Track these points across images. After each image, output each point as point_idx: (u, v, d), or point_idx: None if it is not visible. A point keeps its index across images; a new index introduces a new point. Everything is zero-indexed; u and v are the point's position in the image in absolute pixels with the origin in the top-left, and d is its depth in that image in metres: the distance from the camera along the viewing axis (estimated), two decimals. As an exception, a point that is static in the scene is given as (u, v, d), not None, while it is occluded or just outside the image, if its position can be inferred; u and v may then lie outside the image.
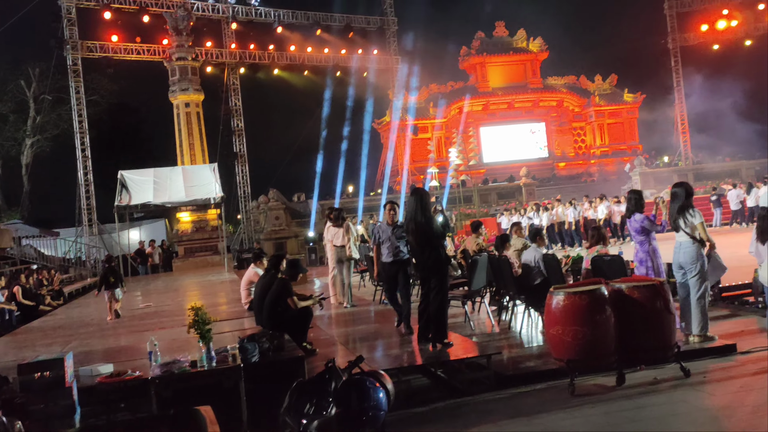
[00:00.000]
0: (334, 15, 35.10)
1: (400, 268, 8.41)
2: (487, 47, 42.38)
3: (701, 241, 7.04)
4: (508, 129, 42.02)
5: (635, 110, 42.41)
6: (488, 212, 31.44)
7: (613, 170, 39.77)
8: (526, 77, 42.65)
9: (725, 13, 33.63)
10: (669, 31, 34.10)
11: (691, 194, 7.33)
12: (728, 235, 19.77)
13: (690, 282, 7.12)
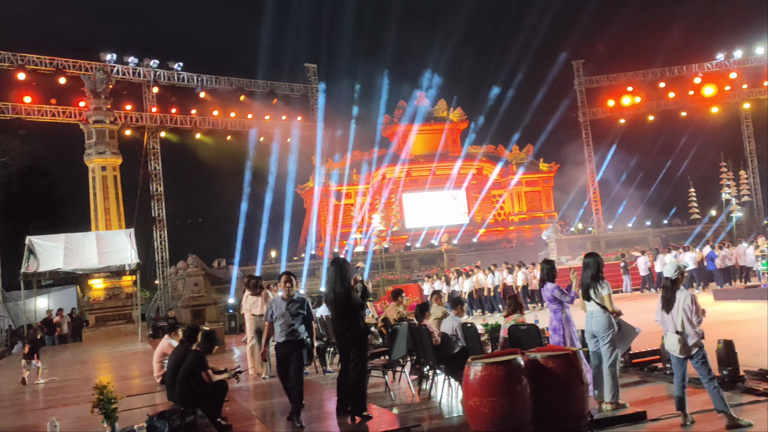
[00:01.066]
0: (258, 81, 35.39)
1: (294, 349, 7.55)
2: (409, 116, 43.50)
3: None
4: (430, 195, 42.82)
5: (551, 179, 44.08)
6: (410, 278, 31.62)
7: (530, 237, 40.94)
8: (447, 145, 43.85)
9: (630, 90, 35.75)
10: (579, 106, 35.92)
11: (601, 265, 7.61)
12: (638, 300, 20.52)
13: (602, 350, 7.32)
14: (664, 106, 36.16)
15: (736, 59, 35.33)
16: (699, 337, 6.50)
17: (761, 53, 34.87)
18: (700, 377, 6.50)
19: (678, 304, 6.56)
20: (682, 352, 6.47)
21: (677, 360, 6.59)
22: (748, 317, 14.63)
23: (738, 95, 36.20)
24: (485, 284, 22.72)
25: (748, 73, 35.75)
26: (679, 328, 6.50)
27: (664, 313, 6.67)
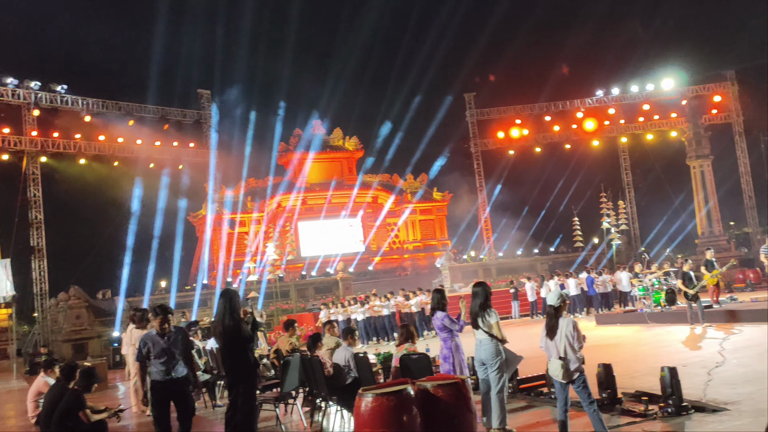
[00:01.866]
0: (148, 106, 34.37)
1: (175, 391, 7.03)
2: (305, 144, 43.43)
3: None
4: (326, 224, 42.75)
5: (444, 208, 45.06)
6: (305, 307, 31.34)
7: (425, 264, 41.57)
8: (343, 174, 44.05)
9: (518, 122, 37.30)
10: (471, 137, 37.11)
11: (490, 293, 7.83)
12: (526, 326, 21.22)
13: (490, 377, 7.49)
14: (549, 139, 37.91)
15: (613, 96, 37.58)
16: (580, 362, 6.77)
17: (635, 91, 37.29)
18: (581, 401, 6.76)
19: (561, 330, 6.81)
20: (564, 377, 6.72)
21: (560, 385, 6.83)
22: (626, 341, 15.40)
23: (616, 129, 38.46)
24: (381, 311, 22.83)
25: (625, 109, 38.10)
26: (561, 354, 6.74)
27: (548, 340, 6.91)
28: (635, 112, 37.82)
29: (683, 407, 7.46)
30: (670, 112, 37.29)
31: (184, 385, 7.12)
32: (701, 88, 36.94)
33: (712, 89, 37.05)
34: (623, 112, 37.91)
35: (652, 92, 36.93)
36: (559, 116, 37.56)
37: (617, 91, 37.60)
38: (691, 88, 36.61)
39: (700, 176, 34.65)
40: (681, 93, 36.39)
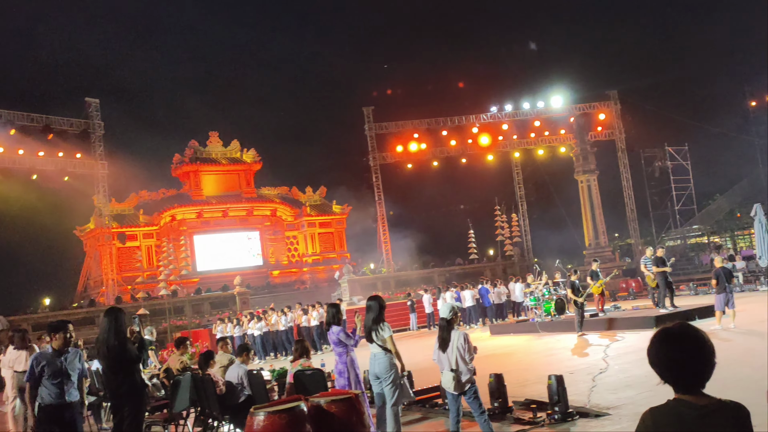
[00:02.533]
0: (31, 115, 32.52)
1: (66, 416, 6.57)
2: (201, 156, 42.42)
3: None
4: (223, 237, 41.87)
5: (343, 221, 45.13)
6: (201, 323, 30.50)
7: (324, 277, 41.44)
8: (241, 187, 43.31)
9: (416, 136, 37.85)
10: (370, 150, 37.34)
11: (384, 307, 7.85)
12: (423, 338, 21.48)
13: (385, 390, 7.50)
14: (446, 153, 38.71)
15: (507, 112, 38.83)
16: (471, 373, 6.89)
17: (527, 108, 38.70)
18: (473, 411, 6.88)
19: (453, 343, 6.92)
20: (456, 388, 6.82)
21: (452, 396, 6.93)
22: (518, 350, 15.87)
23: (509, 145, 39.72)
24: (278, 325, 22.54)
25: (518, 125, 39.41)
26: (453, 366, 6.84)
27: (441, 352, 7.00)
28: (527, 128, 39.20)
29: (569, 413, 7.73)
30: (560, 128, 38.90)
31: (76, 410, 6.72)
32: (587, 106, 38.76)
33: (597, 107, 38.94)
34: (516, 127, 39.21)
35: (542, 109, 38.43)
36: (455, 131, 38.39)
37: (510, 108, 38.89)
38: (578, 106, 38.34)
39: (587, 190, 36.34)
40: (569, 111, 38.04)
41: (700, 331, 2.46)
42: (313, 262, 43.68)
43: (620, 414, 7.69)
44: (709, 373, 2.40)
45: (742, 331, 13.79)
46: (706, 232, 41.16)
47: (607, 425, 7.35)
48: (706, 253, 35.91)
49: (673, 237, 41.90)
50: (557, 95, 38.02)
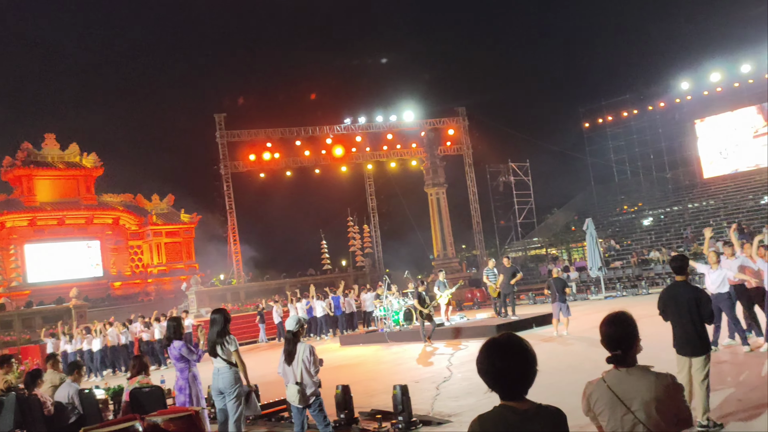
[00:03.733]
0: None
1: None
2: (35, 159, 39.44)
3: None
4: (59, 246, 39.11)
5: (192, 230, 43.63)
6: (32, 338, 28.24)
7: (170, 289, 39.80)
8: (80, 193, 40.68)
9: (269, 146, 37.40)
10: (221, 158, 36.44)
11: (229, 320, 7.60)
12: (273, 350, 21.16)
13: (228, 406, 7.27)
14: (300, 163, 38.56)
15: (360, 124, 39.35)
16: (317, 386, 6.83)
17: (380, 121, 39.44)
18: (317, 424, 6.82)
19: (298, 355, 6.82)
20: (301, 401, 6.72)
21: (297, 409, 6.83)
22: (367, 360, 16.01)
23: (362, 156, 40.25)
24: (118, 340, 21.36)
25: (371, 138, 40.05)
26: (298, 378, 6.75)
27: (286, 365, 6.88)
28: (380, 140, 39.92)
29: (412, 422, 7.86)
30: (411, 142, 39.95)
31: None
32: (437, 121, 40.12)
33: (446, 123, 40.39)
34: (369, 140, 39.81)
35: (395, 123, 39.31)
36: (309, 141, 38.35)
37: (364, 120, 39.44)
38: (428, 121, 39.58)
39: (436, 203, 37.51)
40: (420, 125, 39.18)
41: (523, 341, 2.57)
42: (158, 273, 41.84)
43: (461, 421, 7.92)
44: (530, 380, 2.53)
45: (575, 337, 14.71)
46: (544, 244, 43.85)
47: (447, 431, 7.54)
48: (545, 264, 38.21)
49: (515, 249, 44.26)
50: (409, 110, 39.06)
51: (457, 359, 13.63)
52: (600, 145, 47.33)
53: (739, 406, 7.04)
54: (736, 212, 34.71)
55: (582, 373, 9.68)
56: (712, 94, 40.72)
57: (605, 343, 3.14)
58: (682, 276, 6.49)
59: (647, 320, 9.60)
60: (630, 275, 30.11)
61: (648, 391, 2.94)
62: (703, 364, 6.23)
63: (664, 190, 43.28)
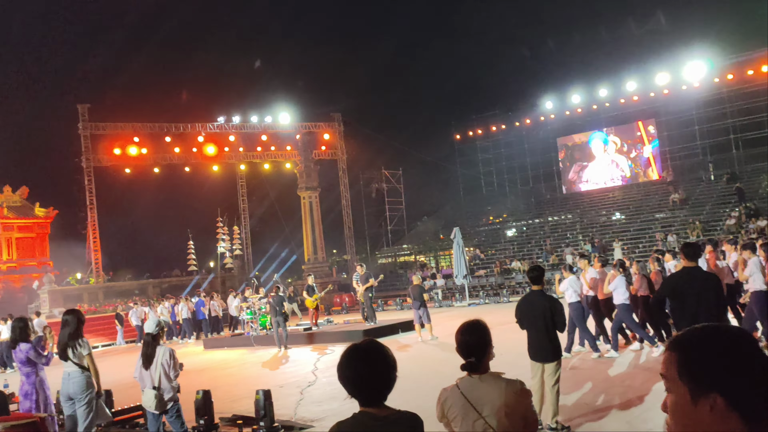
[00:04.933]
0: None
1: None
2: None
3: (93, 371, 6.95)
4: None
5: (47, 225, 40.96)
6: None
7: (20, 287, 37.17)
8: None
9: (136, 140, 35.90)
10: (83, 151, 34.56)
11: (83, 322, 7.20)
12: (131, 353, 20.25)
13: (78, 412, 6.88)
14: (169, 160, 37.23)
15: (234, 124, 38.55)
16: (175, 391, 6.61)
17: (255, 121, 38.86)
18: (173, 430, 6.59)
19: (157, 359, 6.58)
20: (157, 407, 6.48)
21: (153, 416, 6.57)
22: (232, 364, 15.67)
23: (235, 157, 39.46)
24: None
25: (244, 138, 39.34)
26: (156, 383, 6.50)
27: (143, 369, 6.61)
28: (254, 141, 39.32)
29: (274, 428, 7.76)
30: (286, 144, 39.61)
31: None
32: (313, 125, 40.04)
33: (322, 127, 40.40)
34: (243, 140, 39.11)
35: (270, 124, 38.83)
36: (180, 138, 37.12)
37: (238, 120, 38.70)
38: (304, 124, 39.41)
39: (308, 206, 37.40)
40: (295, 128, 38.93)
41: (383, 348, 2.60)
42: (8, 270, 38.95)
43: (324, 425, 7.91)
44: (390, 386, 2.56)
45: (437, 343, 15.12)
46: (413, 251, 44.82)
47: (310, 437, 7.52)
48: (413, 270, 39.04)
49: (385, 255, 44.97)
50: (285, 112, 38.75)
51: (322, 363, 13.62)
52: (470, 157, 49.09)
53: (586, 409, 7.49)
54: (590, 226, 37.03)
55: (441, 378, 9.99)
56: (573, 114, 43.30)
57: (460, 351, 3.24)
58: (538, 285, 6.82)
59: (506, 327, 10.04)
60: (493, 284, 31.39)
61: (498, 397, 3.07)
62: (555, 369, 6.58)
63: (527, 203, 45.45)
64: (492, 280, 31.93)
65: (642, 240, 32.55)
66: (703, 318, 6.15)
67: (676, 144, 40.87)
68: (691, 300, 6.20)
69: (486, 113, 47.50)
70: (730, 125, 38.46)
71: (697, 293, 6.20)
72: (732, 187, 34.08)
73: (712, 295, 6.23)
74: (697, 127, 39.61)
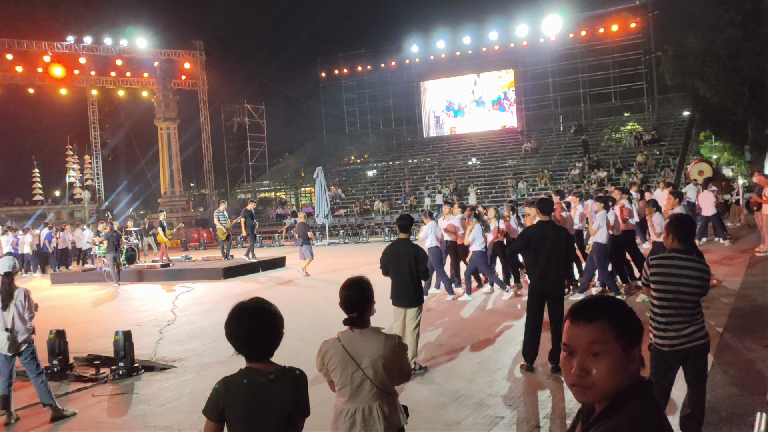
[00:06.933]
0: None
1: None
2: None
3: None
4: None
5: None
6: None
7: None
8: None
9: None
10: None
11: None
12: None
13: None
14: (11, 80, 34.24)
15: (86, 45, 35.87)
16: (30, 332, 6.41)
17: (109, 44, 36.39)
18: (28, 372, 6.42)
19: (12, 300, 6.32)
20: (10, 349, 6.27)
21: (4, 358, 6.34)
22: (84, 301, 15.13)
23: (86, 81, 36.92)
24: None
25: (97, 61, 36.76)
26: (9, 325, 6.27)
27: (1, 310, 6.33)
28: (108, 65, 36.90)
29: (134, 368, 7.72)
30: (143, 71, 37.51)
31: None
32: (173, 53, 38.10)
33: (182, 56, 38.52)
34: (95, 63, 36.59)
35: (125, 48, 36.50)
36: (22, 56, 34.12)
37: (90, 41, 36.09)
38: (163, 51, 37.41)
39: (166, 138, 36.02)
40: (154, 54, 36.88)
41: (271, 306, 2.73)
42: None
43: (185, 366, 7.97)
44: (277, 343, 2.71)
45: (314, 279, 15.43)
46: (274, 187, 44.55)
47: (171, 377, 7.56)
48: (272, 207, 38.90)
49: (245, 190, 44.35)
50: (142, 37, 36.56)
51: (181, 302, 13.49)
52: (334, 95, 48.91)
53: (441, 350, 8.03)
54: (448, 170, 38.39)
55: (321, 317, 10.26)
56: (438, 59, 44.10)
57: (343, 306, 3.42)
58: (405, 234, 7.15)
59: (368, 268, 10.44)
60: (353, 224, 32.00)
61: (377, 350, 3.31)
62: (416, 314, 6.98)
63: (388, 145, 46.23)
64: (352, 220, 32.53)
65: (495, 186, 34.26)
66: (553, 267, 6.85)
67: (530, 95, 42.86)
68: (544, 252, 6.83)
69: (353, 52, 47.33)
70: (581, 80, 40.78)
71: (550, 246, 6.83)
72: (578, 139, 36.45)
73: (563, 248, 6.91)
74: (551, 80, 41.69)
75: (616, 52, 39.01)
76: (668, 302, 4.42)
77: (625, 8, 38.21)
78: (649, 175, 29.99)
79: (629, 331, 1.63)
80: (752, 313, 8.72)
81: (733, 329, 7.88)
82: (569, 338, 1.66)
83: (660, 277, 4.49)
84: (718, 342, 7.21)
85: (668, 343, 4.40)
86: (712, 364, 6.07)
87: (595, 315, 1.64)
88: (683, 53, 31.41)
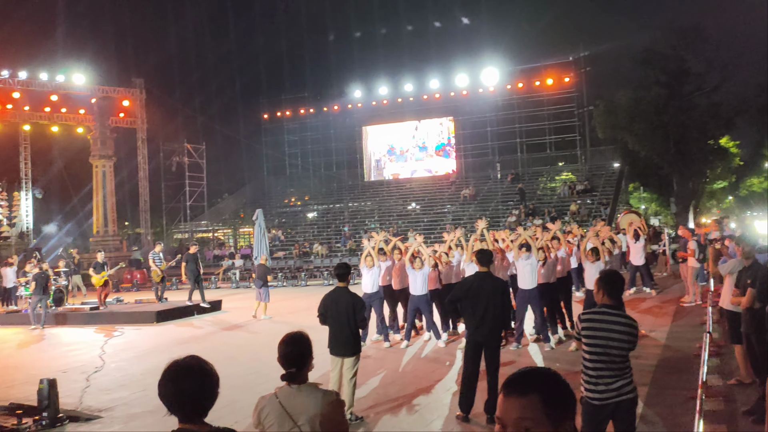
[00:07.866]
0: None
1: None
2: None
3: None
4: None
5: None
6: None
7: None
8: None
9: None
10: None
11: None
12: None
13: None
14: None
15: (20, 79, 35.00)
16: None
17: (45, 79, 35.62)
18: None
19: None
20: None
21: None
22: (7, 345, 14.49)
23: (19, 116, 35.97)
24: None
25: (31, 96, 35.87)
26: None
27: None
28: (42, 101, 36.04)
29: (59, 419, 7.42)
30: (79, 107, 36.77)
31: None
32: (112, 90, 37.50)
33: (121, 93, 37.95)
34: (29, 98, 35.71)
35: (62, 84, 35.75)
36: (-48, 89, 33.11)
37: (25, 75, 35.27)
38: (101, 88, 36.76)
39: (101, 176, 35.17)
40: (91, 91, 36.20)
41: (206, 365, 2.63)
42: None
43: (113, 416, 7.70)
44: (210, 404, 2.61)
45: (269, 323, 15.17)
46: (212, 228, 43.92)
47: (97, 428, 7.29)
48: (209, 248, 38.30)
49: (182, 230, 43.57)
50: (80, 73, 35.91)
51: (111, 347, 13.07)
52: (276, 137, 48.94)
53: (378, 399, 7.99)
54: (388, 214, 38.65)
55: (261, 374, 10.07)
56: (380, 105, 44.77)
57: (281, 361, 3.38)
58: (343, 282, 7.16)
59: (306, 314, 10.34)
60: (291, 266, 31.74)
61: (314, 407, 3.26)
62: (353, 363, 6.96)
63: (329, 188, 46.32)
64: (291, 263, 32.28)
65: (434, 230, 34.63)
66: (490, 317, 6.95)
67: (469, 142, 43.78)
68: (482, 302, 6.94)
69: (296, 95, 47.61)
70: (518, 129, 41.94)
71: (487, 296, 6.95)
72: (515, 187, 37.31)
73: (499, 299, 7.04)
74: (489, 129, 42.74)
75: (551, 105, 40.40)
76: (598, 356, 4.56)
77: (559, 63, 39.77)
78: (582, 224, 30.87)
79: (561, 404, 1.63)
80: (679, 364, 9.00)
81: (660, 381, 8.11)
82: (501, 412, 1.67)
83: (590, 331, 4.64)
84: (646, 393, 7.41)
85: (599, 397, 4.53)
86: (639, 417, 6.23)
87: (527, 389, 1.65)
88: (613, 108, 32.74)
